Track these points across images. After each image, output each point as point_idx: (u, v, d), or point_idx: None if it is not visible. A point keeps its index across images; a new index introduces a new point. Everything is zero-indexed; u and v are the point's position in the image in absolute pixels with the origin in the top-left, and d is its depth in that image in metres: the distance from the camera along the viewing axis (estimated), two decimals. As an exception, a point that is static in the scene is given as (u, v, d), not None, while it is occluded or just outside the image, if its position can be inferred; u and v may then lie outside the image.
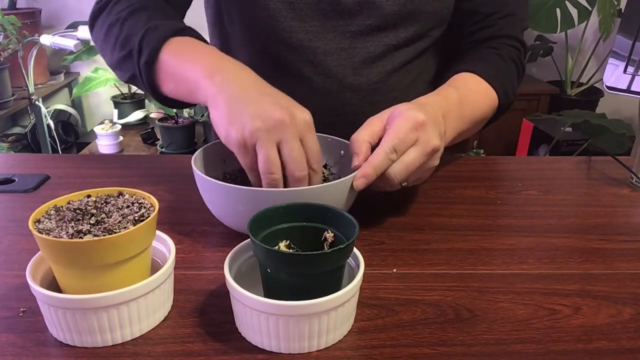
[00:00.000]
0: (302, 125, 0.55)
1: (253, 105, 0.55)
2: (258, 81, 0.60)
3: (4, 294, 0.49)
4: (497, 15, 0.82)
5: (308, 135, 0.56)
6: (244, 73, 0.61)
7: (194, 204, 0.64)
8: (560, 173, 0.82)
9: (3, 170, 0.77)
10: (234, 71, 0.60)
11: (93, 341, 0.42)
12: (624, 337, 0.44)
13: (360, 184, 0.56)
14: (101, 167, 0.80)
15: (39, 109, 2.25)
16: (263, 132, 0.53)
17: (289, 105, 0.56)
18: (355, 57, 0.79)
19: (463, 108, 0.70)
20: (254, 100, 0.55)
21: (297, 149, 0.54)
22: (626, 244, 0.60)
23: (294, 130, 0.54)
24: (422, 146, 0.58)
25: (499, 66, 0.79)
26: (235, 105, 0.55)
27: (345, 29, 0.78)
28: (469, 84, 0.75)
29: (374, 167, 0.56)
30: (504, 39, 0.82)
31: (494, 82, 0.76)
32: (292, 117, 0.54)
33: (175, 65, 0.64)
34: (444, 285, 0.51)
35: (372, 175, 0.56)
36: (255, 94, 0.57)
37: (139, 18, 0.69)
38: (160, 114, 2.60)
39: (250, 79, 0.60)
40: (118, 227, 0.42)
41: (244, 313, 0.42)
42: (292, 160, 0.54)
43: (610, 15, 2.42)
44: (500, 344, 0.43)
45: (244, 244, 0.48)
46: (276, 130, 0.53)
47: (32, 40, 2.17)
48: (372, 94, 0.82)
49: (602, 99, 2.68)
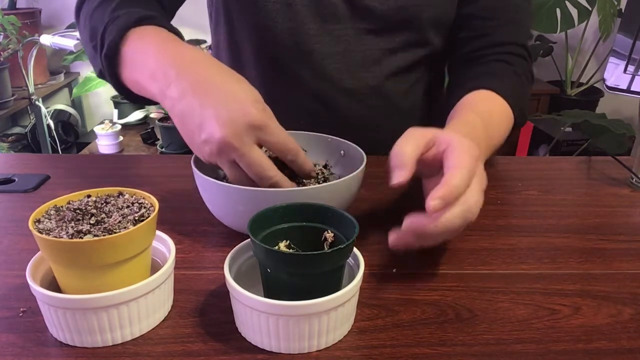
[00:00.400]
0: (250, 129, 0.51)
1: (197, 124, 0.52)
2: (202, 79, 0.54)
3: (4, 294, 0.49)
4: (499, 22, 0.79)
5: (264, 135, 0.52)
6: (193, 69, 0.55)
7: (194, 204, 0.64)
8: (560, 173, 0.82)
9: (3, 170, 0.77)
10: (182, 71, 0.55)
11: (93, 341, 0.42)
12: (624, 337, 0.44)
13: (438, 205, 0.45)
14: (101, 167, 0.80)
15: (39, 109, 2.25)
16: (215, 156, 0.52)
17: (229, 110, 0.51)
18: (352, 61, 0.79)
19: (489, 139, 0.66)
20: (196, 115, 0.52)
21: (255, 160, 0.51)
22: (626, 244, 0.60)
23: (241, 144, 0.51)
24: (481, 184, 0.51)
25: (515, 83, 0.76)
26: (183, 126, 0.54)
27: (341, 32, 0.78)
28: (490, 107, 0.71)
29: (455, 187, 0.46)
30: (509, 46, 0.79)
31: (512, 101, 0.73)
32: (234, 130, 0.50)
33: (131, 63, 0.60)
34: (444, 285, 0.51)
35: (451, 198, 0.46)
36: (195, 106, 0.53)
37: (106, 8, 0.65)
38: (160, 114, 2.59)
39: (197, 76, 0.55)
40: (118, 227, 0.42)
41: (244, 313, 0.42)
42: (255, 175, 0.52)
43: (610, 15, 2.42)
44: (500, 344, 0.43)
45: (244, 244, 0.48)
46: (224, 153, 0.51)
47: (32, 40, 2.17)
48: (369, 99, 0.82)
49: (602, 99, 2.68)
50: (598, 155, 0.87)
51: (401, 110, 0.87)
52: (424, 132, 0.52)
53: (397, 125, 0.86)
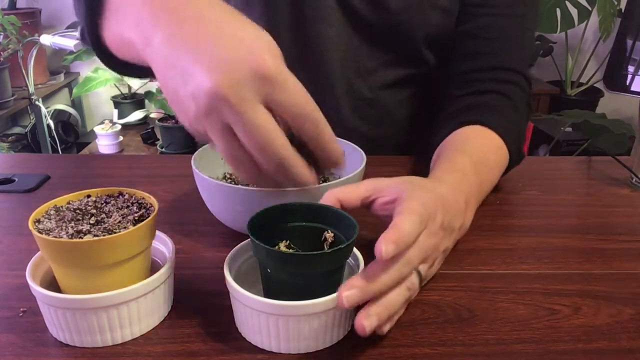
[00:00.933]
0: (257, 81, 0.36)
1: (180, 71, 0.38)
2: (200, 15, 0.40)
3: (4, 294, 0.49)
4: (499, 44, 0.73)
5: (275, 91, 0.37)
6: (188, 8, 0.41)
7: (194, 204, 0.64)
8: (560, 173, 0.82)
9: (3, 170, 0.77)
10: (172, 12, 0.41)
11: (93, 341, 0.42)
12: (624, 337, 0.44)
13: (392, 251, 0.39)
14: (101, 167, 0.80)
15: (39, 109, 2.26)
16: (202, 117, 0.38)
17: (229, 52, 0.37)
18: (348, 70, 0.79)
19: (481, 184, 0.60)
20: (184, 60, 0.38)
21: (258, 122, 0.37)
22: (626, 244, 0.60)
23: (239, 98, 0.36)
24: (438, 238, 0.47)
25: (512, 119, 0.69)
26: (165, 76, 0.39)
27: (338, 40, 0.77)
28: (483, 145, 0.65)
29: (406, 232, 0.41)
30: (508, 73, 0.73)
31: (508, 139, 0.66)
32: (233, 77, 0.36)
33: (118, 8, 0.46)
34: (443, 285, 0.51)
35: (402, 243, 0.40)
36: (183, 51, 0.38)
37: None
38: (160, 114, 2.60)
39: (190, 13, 0.40)
40: (118, 227, 0.42)
41: (244, 313, 0.42)
42: (251, 146, 0.37)
43: (610, 15, 2.42)
44: (500, 344, 0.43)
45: (244, 244, 0.48)
46: (214, 111, 0.37)
47: (32, 40, 2.17)
48: (364, 109, 0.82)
49: (602, 99, 2.68)
50: (598, 155, 0.87)
51: (396, 121, 0.86)
52: (370, 182, 0.49)
53: (392, 135, 0.87)
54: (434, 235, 0.46)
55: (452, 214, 0.49)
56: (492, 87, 0.72)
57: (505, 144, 0.66)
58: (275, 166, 0.39)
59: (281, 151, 0.38)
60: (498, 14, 0.74)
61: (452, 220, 0.49)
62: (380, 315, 0.40)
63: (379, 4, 0.74)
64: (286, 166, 0.39)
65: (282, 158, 0.38)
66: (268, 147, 0.38)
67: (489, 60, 0.74)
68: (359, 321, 0.39)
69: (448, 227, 0.48)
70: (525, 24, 0.75)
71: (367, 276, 0.39)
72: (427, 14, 0.75)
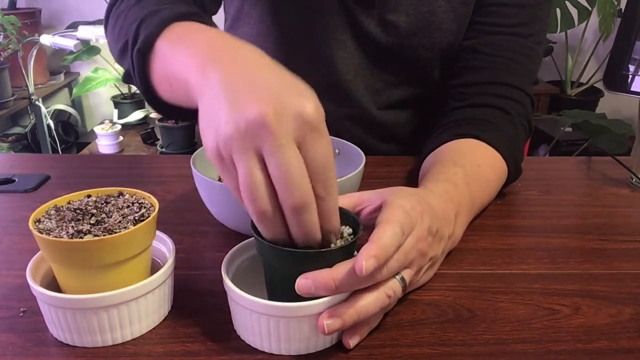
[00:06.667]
0: (299, 122, 0.37)
1: (231, 99, 0.39)
2: (256, 62, 0.43)
3: (4, 294, 0.49)
4: (502, 60, 0.72)
5: (312, 138, 0.38)
6: (242, 55, 0.43)
7: (194, 204, 0.64)
8: (560, 173, 0.82)
9: (3, 170, 0.77)
10: (231, 57, 0.43)
11: (93, 341, 0.42)
12: (623, 337, 0.44)
13: (371, 266, 0.39)
14: (101, 167, 0.80)
15: (39, 109, 2.26)
16: (236, 139, 0.37)
17: (281, 92, 0.38)
18: (355, 91, 0.81)
19: (473, 199, 0.59)
20: (235, 90, 0.39)
21: (288, 160, 0.37)
22: (626, 244, 0.60)
23: (281, 132, 0.36)
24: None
25: (511, 135, 0.68)
26: (214, 103, 0.40)
27: (348, 61, 0.79)
28: (479, 159, 0.63)
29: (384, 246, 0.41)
30: (508, 89, 0.71)
31: (505, 153, 0.65)
32: (279, 112, 0.37)
33: (170, 55, 0.49)
34: (443, 285, 0.51)
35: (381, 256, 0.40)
36: (241, 83, 0.40)
37: (145, 5, 0.58)
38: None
39: (247, 60, 0.43)
40: (118, 227, 0.42)
41: (243, 316, 0.42)
42: (280, 178, 0.37)
43: (610, 15, 2.42)
44: (500, 344, 0.43)
45: (241, 245, 0.48)
46: (252, 136, 0.37)
47: (32, 40, 2.17)
48: (369, 126, 0.84)
49: (602, 99, 2.68)
50: (598, 155, 0.87)
51: (401, 139, 0.88)
52: (358, 193, 0.49)
53: (393, 150, 0.87)
54: (422, 240, 0.45)
55: (440, 221, 0.48)
56: (491, 101, 0.71)
57: (503, 158, 0.65)
58: (292, 206, 0.38)
59: (307, 193, 0.38)
60: (506, 33, 0.73)
61: (441, 227, 0.48)
62: (345, 318, 0.40)
63: (389, 25, 0.76)
64: (303, 211, 0.38)
65: (305, 200, 0.38)
66: (296, 185, 0.37)
67: (490, 75, 0.73)
68: (320, 320, 0.39)
69: (437, 233, 0.47)
70: (531, 44, 0.74)
71: (335, 276, 0.40)
72: (435, 35, 0.76)
